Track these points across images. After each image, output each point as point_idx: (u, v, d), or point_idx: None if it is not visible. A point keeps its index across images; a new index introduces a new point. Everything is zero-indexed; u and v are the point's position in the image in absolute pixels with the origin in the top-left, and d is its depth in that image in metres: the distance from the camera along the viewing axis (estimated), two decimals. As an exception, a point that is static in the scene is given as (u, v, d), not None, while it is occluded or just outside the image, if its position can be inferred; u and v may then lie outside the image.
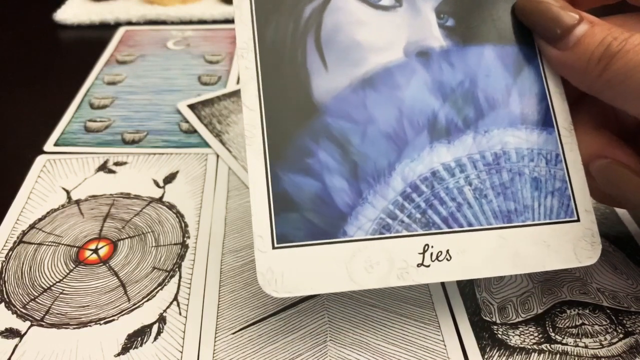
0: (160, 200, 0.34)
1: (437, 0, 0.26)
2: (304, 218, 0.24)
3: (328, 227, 0.24)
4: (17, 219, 0.33)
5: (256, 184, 0.24)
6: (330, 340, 0.26)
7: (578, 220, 0.25)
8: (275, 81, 0.25)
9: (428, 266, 0.24)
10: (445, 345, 0.26)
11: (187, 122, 0.42)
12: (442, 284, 0.29)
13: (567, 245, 0.25)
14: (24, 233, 0.32)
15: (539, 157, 0.26)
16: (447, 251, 0.24)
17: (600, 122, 0.27)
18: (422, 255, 0.24)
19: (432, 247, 0.24)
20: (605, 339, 0.26)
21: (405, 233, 0.24)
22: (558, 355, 0.26)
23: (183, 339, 0.26)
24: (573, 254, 0.25)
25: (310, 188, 0.24)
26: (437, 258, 0.24)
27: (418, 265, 0.24)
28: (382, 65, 0.25)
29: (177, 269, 0.30)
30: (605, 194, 0.27)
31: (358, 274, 0.24)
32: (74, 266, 0.30)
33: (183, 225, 0.33)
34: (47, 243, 0.31)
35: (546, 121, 0.26)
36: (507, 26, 0.26)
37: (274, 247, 0.23)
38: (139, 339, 0.27)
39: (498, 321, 0.27)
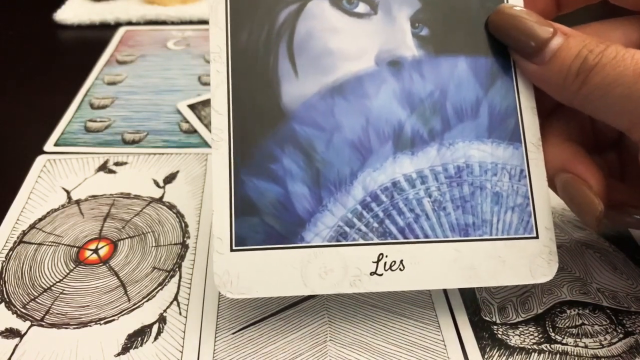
0: (160, 200, 0.34)
1: (412, 8, 0.26)
2: (264, 222, 0.24)
3: (286, 232, 0.24)
4: (17, 219, 0.33)
5: (219, 187, 0.24)
6: (330, 340, 0.26)
7: (537, 237, 0.25)
8: (245, 86, 0.25)
9: (381, 275, 0.24)
10: (445, 345, 0.26)
11: (187, 122, 0.42)
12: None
13: (522, 262, 0.25)
14: (24, 233, 0.32)
15: (503, 171, 0.25)
16: (401, 261, 0.24)
17: (576, 132, 0.27)
18: (376, 264, 0.24)
19: (386, 256, 0.24)
20: (605, 339, 0.26)
21: (361, 241, 0.24)
22: (558, 355, 0.26)
23: (183, 339, 0.26)
24: (528, 270, 0.25)
25: (272, 193, 0.24)
26: (390, 268, 0.24)
27: (371, 274, 0.24)
28: (353, 73, 0.25)
29: (177, 269, 0.30)
30: None
31: (312, 279, 0.24)
32: (74, 266, 0.30)
33: (183, 225, 0.33)
34: (47, 243, 0.31)
35: (514, 136, 0.26)
36: (482, 38, 0.26)
37: (231, 250, 0.24)
38: (139, 339, 0.27)
39: (498, 321, 0.27)
